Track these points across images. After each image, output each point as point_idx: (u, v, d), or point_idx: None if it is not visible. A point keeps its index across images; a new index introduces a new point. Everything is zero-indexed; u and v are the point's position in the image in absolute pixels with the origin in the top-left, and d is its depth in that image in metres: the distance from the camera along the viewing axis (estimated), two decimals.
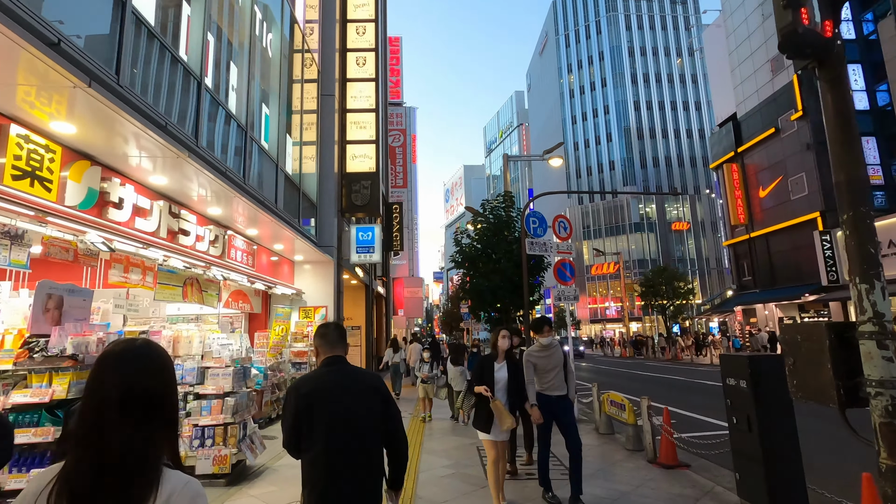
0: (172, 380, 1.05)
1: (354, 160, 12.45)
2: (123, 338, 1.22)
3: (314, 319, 10.83)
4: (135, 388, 0.96)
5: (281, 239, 8.95)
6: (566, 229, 9.98)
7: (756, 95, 29.00)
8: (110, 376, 0.96)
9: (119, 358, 0.98)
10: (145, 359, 1.01)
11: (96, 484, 0.89)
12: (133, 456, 0.92)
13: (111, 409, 0.93)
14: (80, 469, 0.90)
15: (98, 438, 0.91)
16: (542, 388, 4.53)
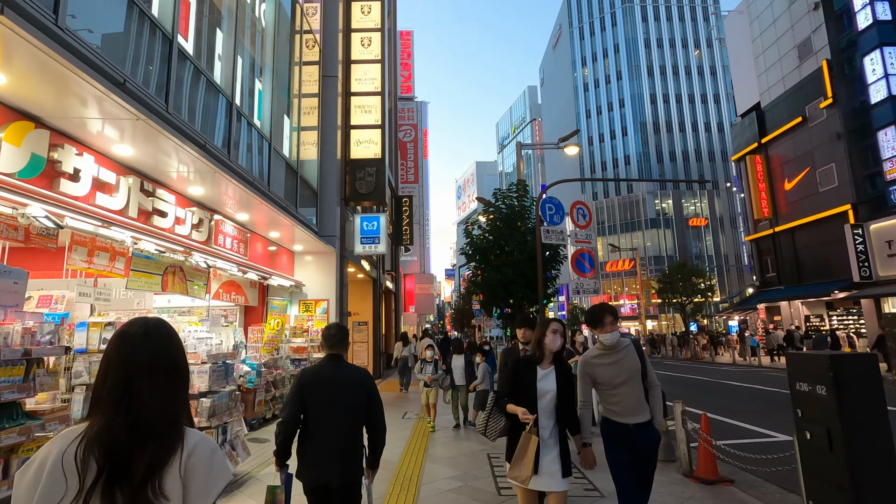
0: (184, 351, 1.21)
1: (359, 146, 11.78)
2: (139, 317, 1.26)
3: (315, 313, 10.21)
4: (160, 358, 1.11)
5: (277, 226, 8.33)
6: (585, 217, 9.20)
7: (781, 83, 27.73)
8: (139, 349, 1.10)
9: (145, 334, 1.13)
10: (164, 334, 1.17)
11: (133, 437, 1.02)
12: (165, 414, 1.07)
13: (141, 377, 1.07)
14: (115, 427, 1.01)
15: (131, 402, 1.04)
16: (610, 413, 2.96)
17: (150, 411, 1.04)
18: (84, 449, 0.99)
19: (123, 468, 0.99)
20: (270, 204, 7.09)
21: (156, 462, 1.01)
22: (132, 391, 1.05)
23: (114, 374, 1.07)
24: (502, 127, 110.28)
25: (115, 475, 0.98)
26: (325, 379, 2.66)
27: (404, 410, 9.94)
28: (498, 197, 13.80)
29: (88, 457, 0.99)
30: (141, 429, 1.02)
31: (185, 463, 1.04)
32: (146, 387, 1.06)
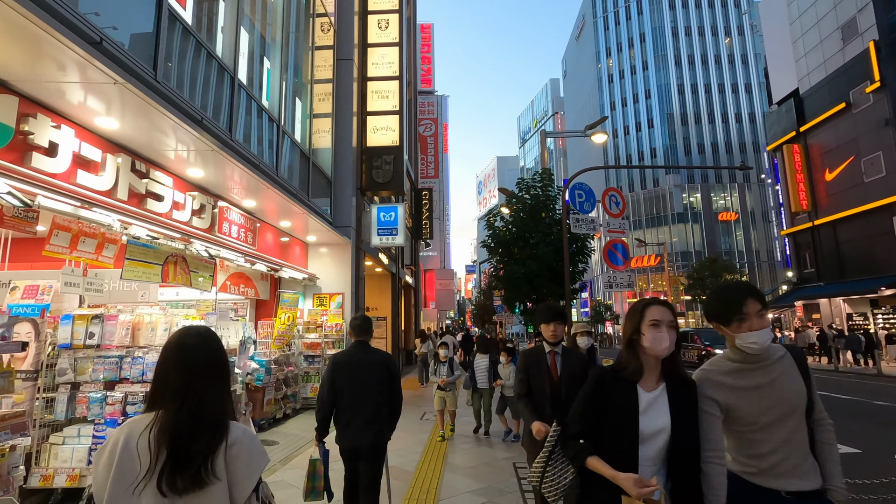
0: (227, 354, 1.42)
1: (376, 133, 11.25)
2: (192, 326, 1.47)
3: (330, 308, 9.74)
4: (211, 360, 1.34)
5: (289, 215, 7.85)
6: (618, 205, 8.47)
7: (823, 68, 26.15)
8: (197, 354, 1.31)
9: (201, 343, 1.35)
10: (215, 341, 1.40)
11: (193, 427, 1.23)
12: (216, 409, 1.29)
13: (199, 378, 1.29)
14: (183, 417, 1.23)
15: (190, 395, 1.26)
16: (748, 470, 1.76)
17: (206, 406, 1.26)
18: (157, 435, 1.21)
19: (185, 453, 1.20)
20: (279, 190, 6.60)
21: (209, 448, 1.22)
22: (192, 389, 1.26)
23: (174, 375, 1.28)
24: (524, 121, 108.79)
25: (179, 458, 1.20)
26: (353, 361, 3.23)
27: (423, 411, 9.40)
28: (522, 187, 13.11)
29: (160, 440, 1.21)
30: (199, 420, 1.24)
31: (230, 451, 1.25)
32: (203, 386, 1.28)
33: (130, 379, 4.29)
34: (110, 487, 1.19)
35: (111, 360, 4.29)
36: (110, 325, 4.39)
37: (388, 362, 3.30)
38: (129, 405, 4.24)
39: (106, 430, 4.10)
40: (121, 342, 4.37)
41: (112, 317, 4.42)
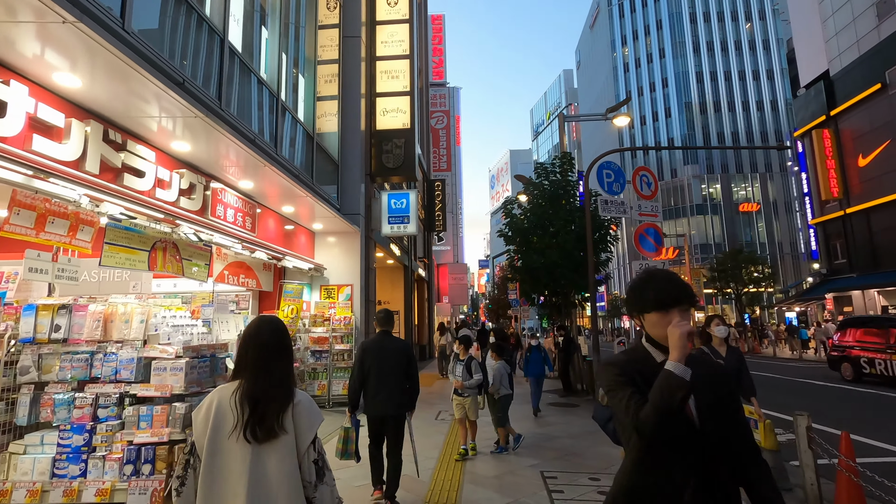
0: (290, 337, 1.86)
1: (385, 115, 10.60)
2: (265, 315, 2.26)
3: (338, 300, 9.16)
4: (279, 343, 1.74)
5: (292, 200, 7.26)
6: (650, 185, 7.73)
7: (856, 47, 24.79)
8: (269, 336, 1.73)
9: (272, 329, 1.76)
10: (282, 327, 1.81)
11: (268, 396, 1.63)
12: (285, 377, 1.70)
13: (271, 353, 1.70)
14: (259, 385, 1.64)
15: (265, 368, 1.67)
16: None
17: (274, 376, 1.68)
18: (241, 396, 1.63)
19: (262, 414, 1.60)
20: (280, 171, 5.99)
21: (279, 408, 1.63)
22: (265, 364, 1.68)
23: (253, 352, 1.70)
24: (537, 113, 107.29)
25: (257, 415, 1.60)
26: (378, 347, 4.05)
27: (438, 409, 8.79)
28: (540, 173, 12.37)
29: (244, 402, 1.62)
30: (271, 387, 1.65)
31: (295, 409, 1.66)
32: (272, 362, 1.70)
33: (102, 378, 3.72)
34: (210, 435, 1.58)
35: (81, 356, 3.73)
36: (79, 316, 3.82)
37: (407, 349, 4.24)
38: (101, 408, 3.67)
39: (72, 438, 3.54)
40: (91, 336, 3.80)
41: (81, 307, 3.85)
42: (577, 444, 6.34)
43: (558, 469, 5.25)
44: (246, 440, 1.57)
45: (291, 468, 1.60)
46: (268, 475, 1.57)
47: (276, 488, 1.56)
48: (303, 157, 7.77)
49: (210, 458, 1.57)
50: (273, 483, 1.56)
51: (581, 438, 6.67)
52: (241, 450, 1.57)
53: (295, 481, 1.59)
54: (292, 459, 1.61)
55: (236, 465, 1.56)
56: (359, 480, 4.65)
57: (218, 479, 1.56)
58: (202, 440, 1.59)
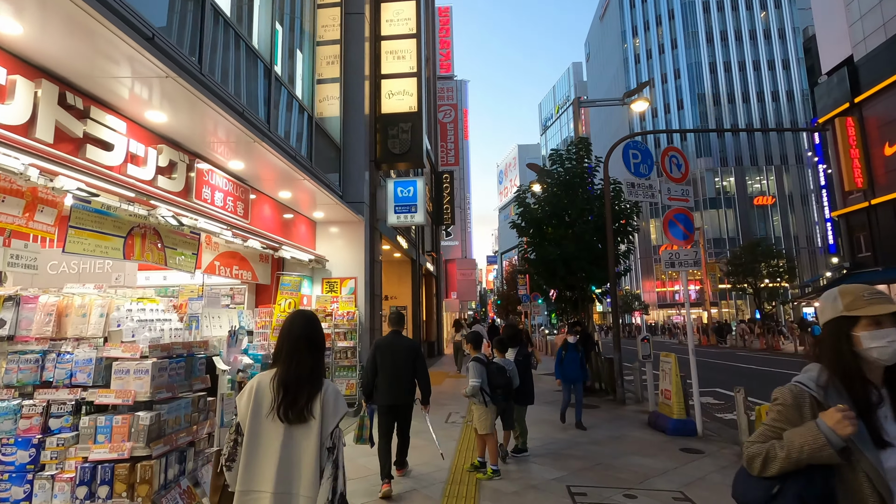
0: (323, 331, 2.05)
1: (391, 98, 9.98)
2: (300, 309, 2.41)
3: (341, 294, 8.58)
4: (312, 335, 1.94)
5: (289, 184, 6.67)
6: (680, 167, 7.04)
7: (882, 31, 23.73)
8: (301, 329, 1.93)
9: (304, 323, 1.96)
10: (314, 320, 1.99)
11: (299, 383, 1.84)
12: (315, 367, 1.90)
13: (302, 346, 1.90)
14: (291, 373, 1.85)
15: (298, 359, 1.87)
16: None
17: (307, 366, 1.87)
18: (276, 382, 1.85)
19: (294, 398, 1.81)
20: (274, 150, 5.40)
21: (310, 394, 1.84)
22: (297, 355, 1.88)
23: (288, 343, 1.90)
24: (545, 107, 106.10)
25: (289, 399, 1.81)
26: (389, 344, 4.70)
27: (448, 411, 8.19)
28: (555, 159, 11.68)
29: (279, 387, 1.83)
30: (301, 376, 1.85)
31: (323, 397, 1.86)
32: (304, 353, 1.89)
33: (55, 383, 3.15)
34: (251, 413, 1.83)
35: (30, 356, 3.16)
36: (28, 309, 3.25)
37: (415, 346, 4.75)
38: (53, 418, 3.10)
39: (16, 454, 2.97)
40: (41, 332, 3.23)
41: (31, 299, 3.28)
42: (603, 452, 5.71)
43: (587, 483, 4.62)
44: (279, 420, 1.81)
45: (315, 451, 1.80)
46: (296, 453, 1.80)
47: (301, 468, 1.79)
48: (301, 138, 7.17)
49: (251, 436, 1.81)
50: (299, 461, 1.79)
51: (607, 445, 6.04)
52: (276, 429, 1.81)
53: (318, 463, 1.80)
54: (317, 443, 1.81)
55: (271, 443, 1.79)
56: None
57: (257, 454, 1.79)
58: (245, 419, 1.83)
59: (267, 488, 1.75)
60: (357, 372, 8.06)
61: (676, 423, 6.61)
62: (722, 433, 6.77)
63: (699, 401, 6.65)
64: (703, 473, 4.88)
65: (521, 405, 5.64)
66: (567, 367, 6.90)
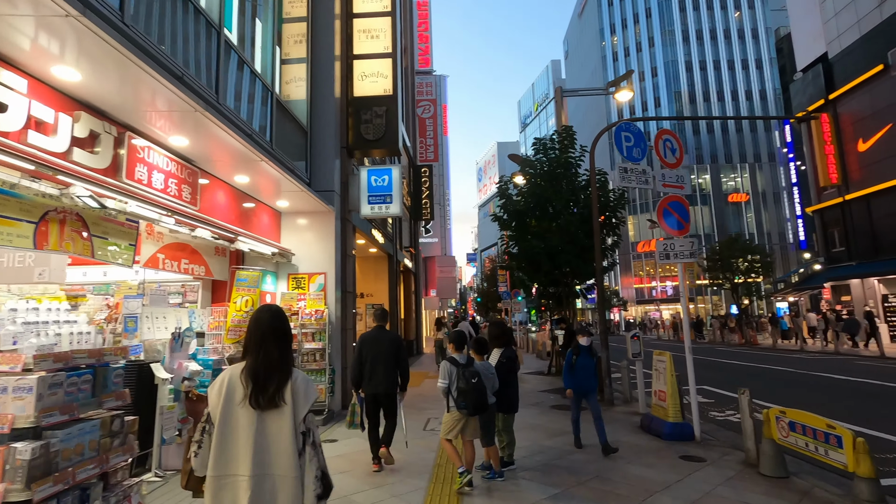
0: (289, 323, 2.13)
1: (364, 80, 9.27)
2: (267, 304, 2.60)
3: (309, 291, 7.86)
4: (278, 327, 2.01)
5: (246, 167, 5.93)
6: (674, 151, 6.55)
7: (856, 28, 23.98)
8: (269, 322, 1.99)
9: (272, 314, 2.03)
10: (280, 314, 2.06)
11: (268, 372, 1.90)
12: (283, 357, 1.97)
13: (269, 338, 1.95)
14: (259, 365, 1.91)
15: (265, 351, 1.93)
16: None
17: (274, 356, 1.93)
18: (246, 373, 1.91)
19: (263, 386, 1.88)
20: (225, 124, 4.67)
21: (279, 382, 1.90)
22: (266, 345, 1.94)
23: (256, 336, 1.96)
24: (524, 105, 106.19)
25: (259, 388, 1.87)
26: (373, 338, 5.06)
27: (427, 416, 7.57)
28: (538, 149, 11.14)
29: (248, 378, 1.90)
30: (269, 366, 1.91)
31: (293, 385, 1.93)
32: (271, 345, 1.95)
33: None
34: (223, 403, 1.88)
35: None
36: None
37: (397, 339, 5.19)
38: None
39: None
40: None
41: None
42: (598, 463, 5.17)
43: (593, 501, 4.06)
44: (251, 407, 1.87)
45: (291, 434, 1.88)
46: (270, 438, 1.87)
47: (276, 449, 1.87)
48: (261, 116, 6.42)
49: (223, 423, 1.87)
50: (273, 444, 1.87)
51: (597, 453, 5.50)
52: (249, 416, 1.87)
53: (294, 445, 1.88)
54: (290, 426, 1.89)
55: (244, 429, 1.86)
56: None
57: (229, 440, 1.86)
58: (216, 409, 1.89)
59: (243, 472, 1.82)
60: (327, 376, 7.36)
61: (672, 426, 6.13)
62: (719, 436, 6.33)
63: (696, 402, 6.18)
64: (709, 487, 4.37)
65: (507, 413, 5.05)
66: (580, 376, 5.67)
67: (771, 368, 13.82)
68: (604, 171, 10.02)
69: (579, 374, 5.65)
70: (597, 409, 5.60)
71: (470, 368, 4.44)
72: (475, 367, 4.51)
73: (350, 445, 5.94)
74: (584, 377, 5.65)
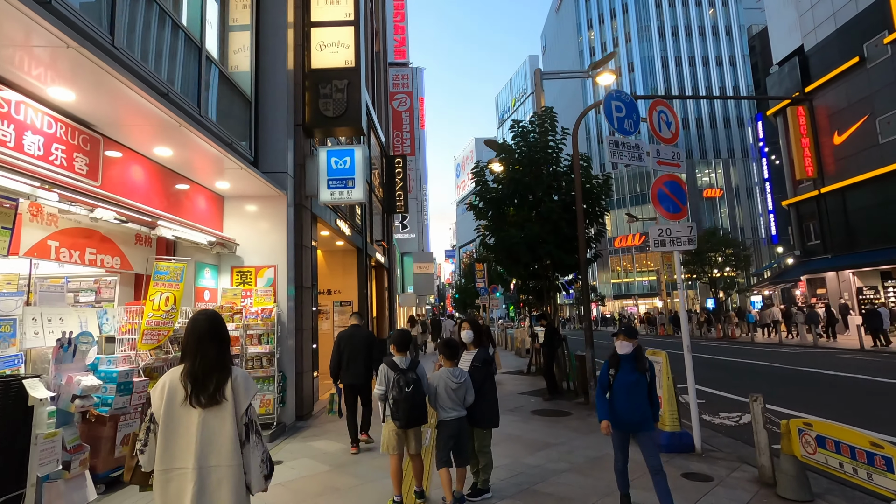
0: (226, 327, 2.22)
1: (323, 51, 8.27)
2: (202, 309, 2.76)
3: (256, 286, 6.85)
4: (214, 330, 2.12)
5: (167, 137, 4.90)
6: (670, 125, 5.79)
7: (832, 20, 23.94)
8: (205, 326, 2.11)
9: (208, 318, 2.14)
10: (216, 317, 2.18)
11: (206, 373, 2.03)
12: (220, 358, 2.09)
13: (206, 341, 2.08)
14: (197, 367, 2.03)
15: (202, 354, 2.05)
16: None
17: (210, 358, 2.05)
18: (184, 376, 2.03)
19: (203, 386, 2.01)
20: (127, 78, 3.66)
21: (218, 381, 2.04)
22: (203, 348, 2.06)
23: (192, 339, 2.08)
24: (502, 100, 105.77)
25: (199, 389, 2.01)
26: (350, 336, 5.79)
27: None
28: (517, 132, 10.32)
29: (187, 380, 2.02)
30: (206, 368, 2.03)
31: (233, 383, 2.08)
32: (207, 345, 2.07)
33: None
34: (165, 405, 1.99)
35: None
36: None
37: (371, 336, 6.04)
38: None
39: None
40: None
41: None
42: (588, 485, 4.37)
43: None
44: (193, 406, 2.00)
45: (232, 428, 2.03)
46: (213, 433, 2.00)
47: (219, 443, 2.00)
48: (185, 77, 5.38)
49: (166, 422, 1.99)
50: (216, 438, 2.00)
51: (591, 472, 4.71)
52: (192, 414, 2.00)
53: (235, 438, 2.03)
54: (232, 421, 2.03)
55: (188, 427, 1.99)
56: None
57: (174, 437, 1.98)
58: (159, 410, 2.01)
59: (188, 465, 1.95)
60: (276, 385, 6.38)
61: (670, 437, 5.39)
62: (720, 445, 5.62)
63: (696, 408, 5.44)
64: None
65: (483, 428, 4.18)
66: (623, 402, 3.65)
67: (756, 364, 13.36)
68: (587, 155, 9.25)
69: (622, 400, 3.62)
70: (654, 459, 3.53)
71: (409, 374, 3.75)
72: (419, 374, 3.85)
73: (297, 470, 5.00)
74: (629, 404, 3.60)
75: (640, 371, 3.68)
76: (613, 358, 3.79)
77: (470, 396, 3.93)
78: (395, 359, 3.95)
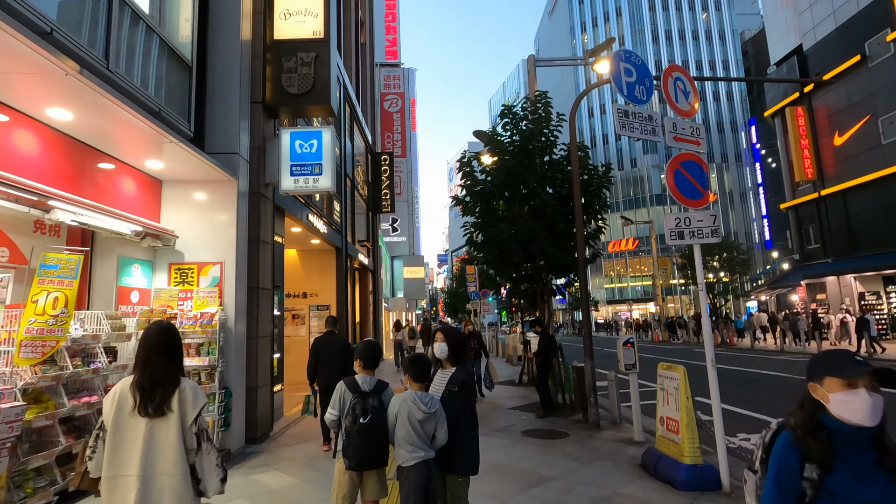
0: (180, 339, 2.27)
1: (287, 20, 7.27)
2: (158, 320, 2.67)
3: (198, 286, 5.79)
4: (163, 343, 2.16)
5: (65, 97, 3.87)
6: (687, 95, 4.83)
7: (832, 19, 23.33)
8: (155, 339, 2.16)
9: (159, 331, 2.19)
10: (169, 330, 2.23)
11: (153, 384, 2.07)
12: (168, 370, 2.13)
13: (155, 353, 2.12)
14: (145, 378, 2.08)
15: (151, 366, 2.10)
16: None
17: (159, 369, 2.10)
18: (133, 386, 2.08)
19: (150, 396, 2.06)
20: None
21: (164, 394, 2.07)
22: (153, 360, 2.11)
23: (142, 351, 2.14)
24: (496, 104, 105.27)
25: (146, 398, 2.05)
26: (325, 342, 5.95)
27: None
28: (508, 119, 9.35)
29: (136, 390, 2.07)
30: (154, 379, 2.08)
31: (181, 394, 2.11)
32: (156, 357, 2.12)
33: None
34: (115, 412, 2.06)
35: None
36: None
37: (344, 342, 6.10)
38: None
39: None
40: None
41: None
42: None
43: None
44: (141, 416, 2.05)
45: (178, 438, 2.06)
46: (159, 442, 2.05)
47: (165, 452, 2.05)
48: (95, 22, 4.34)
49: (114, 430, 2.05)
50: (162, 447, 2.05)
51: None
52: (139, 423, 2.05)
53: (180, 448, 2.06)
54: (178, 431, 2.07)
55: (135, 435, 2.04)
56: None
57: (121, 446, 2.04)
58: (108, 418, 2.07)
59: (132, 472, 2.01)
60: (217, 403, 5.31)
61: (690, 471, 4.40)
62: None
63: (723, 436, 4.46)
64: None
65: (458, 475, 3.07)
66: None
67: (761, 373, 12.46)
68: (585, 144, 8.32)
69: None
70: None
71: (369, 400, 2.86)
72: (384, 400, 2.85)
73: None
74: None
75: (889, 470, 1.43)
76: (816, 437, 1.48)
77: (441, 434, 2.89)
78: (358, 377, 3.04)
